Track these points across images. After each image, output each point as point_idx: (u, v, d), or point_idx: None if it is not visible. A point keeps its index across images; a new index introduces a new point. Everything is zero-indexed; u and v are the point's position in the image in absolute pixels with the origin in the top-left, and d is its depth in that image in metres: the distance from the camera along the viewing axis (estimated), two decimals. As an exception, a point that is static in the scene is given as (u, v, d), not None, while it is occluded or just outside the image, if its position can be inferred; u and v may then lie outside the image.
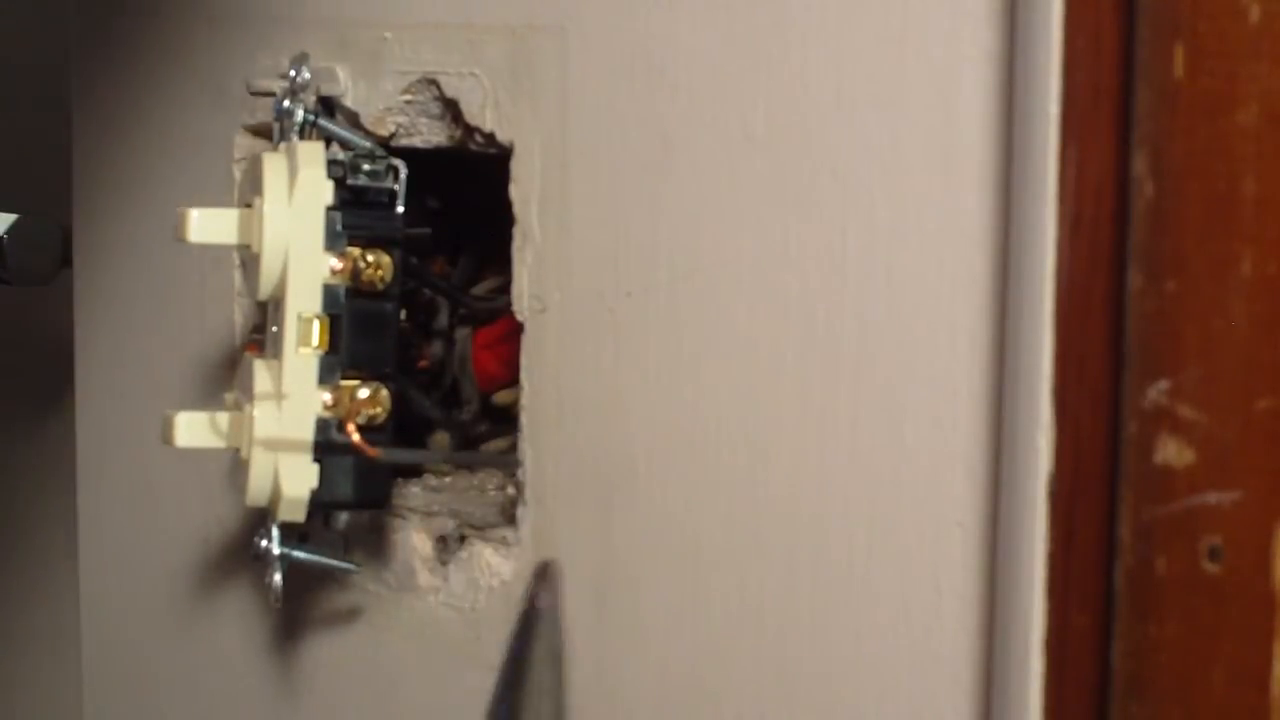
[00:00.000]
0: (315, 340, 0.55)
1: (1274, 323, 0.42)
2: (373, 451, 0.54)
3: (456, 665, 0.62)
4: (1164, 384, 0.43)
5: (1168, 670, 0.44)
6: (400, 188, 0.56)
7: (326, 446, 0.55)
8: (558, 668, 0.43)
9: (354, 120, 0.62)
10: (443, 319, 0.68)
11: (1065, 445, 0.45)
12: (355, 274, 0.55)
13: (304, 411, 0.55)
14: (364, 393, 0.55)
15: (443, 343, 0.68)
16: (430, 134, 0.62)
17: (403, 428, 0.55)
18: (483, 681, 0.61)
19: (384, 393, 0.55)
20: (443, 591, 0.62)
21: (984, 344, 0.48)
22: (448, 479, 0.66)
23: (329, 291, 0.55)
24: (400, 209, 0.56)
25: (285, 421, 0.54)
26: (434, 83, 0.60)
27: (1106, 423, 0.44)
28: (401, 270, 0.56)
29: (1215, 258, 0.42)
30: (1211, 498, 0.43)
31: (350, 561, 0.61)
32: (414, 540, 0.63)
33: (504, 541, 0.60)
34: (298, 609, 0.64)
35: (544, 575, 0.44)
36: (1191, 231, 0.43)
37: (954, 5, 0.48)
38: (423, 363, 0.68)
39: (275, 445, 0.54)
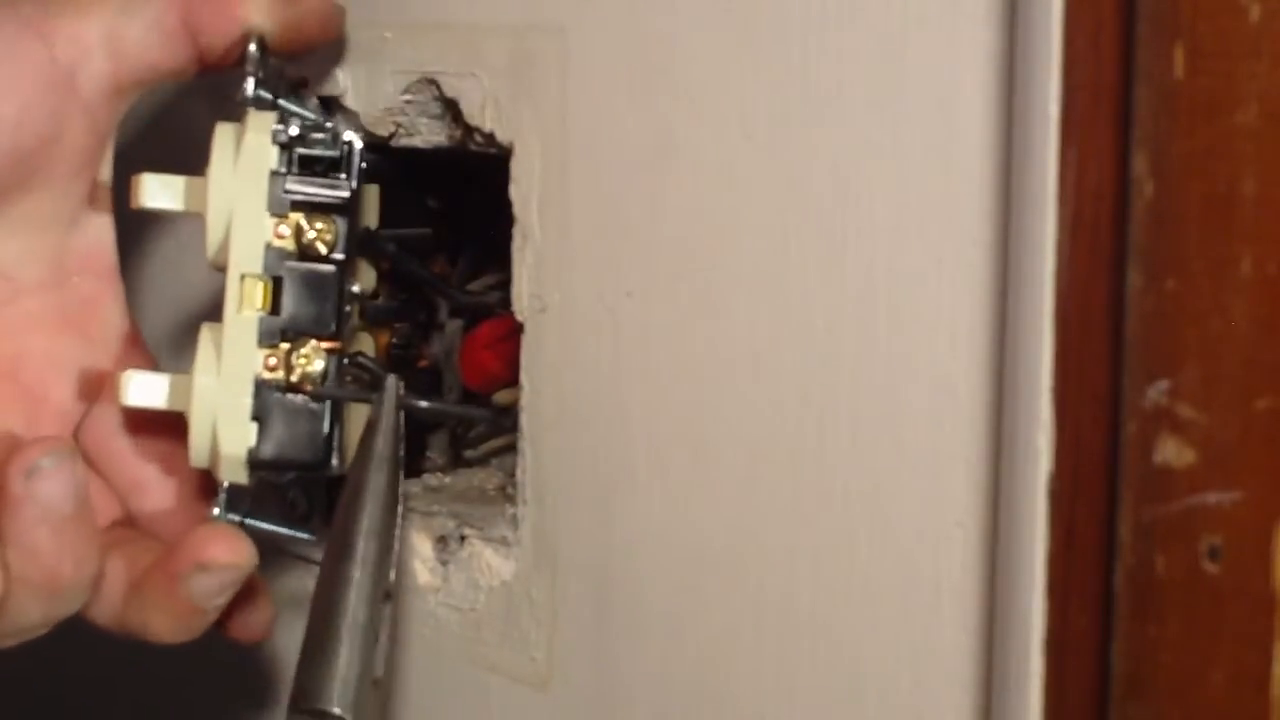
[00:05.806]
0: (258, 302, 0.55)
1: (1274, 323, 0.42)
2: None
3: (456, 665, 0.62)
4: (1164, 384, 0.43)
5: (1168, 670, 0.44)
6: (355, 157, 0.56)
7: (265, 406, 0.55)
8: (395, 469, 0.54)
9: (354, 121, 0.62)
10: (443, 318, 0.68)
11: (1065, 445, 0.45)
12: (299, 237, 0.55)
13: (243, 371, 0.55)
14: (302, 352, 0.55)
15: (442, 342, 0.68)
16: (430, 134, 0.62)
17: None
18: (483, 682, 0.61)
19: (322, 352, 0.55)
20: (442, 591, 0.62)
21: (984, 344, 0.48)
22: (447, 479, 0.66)
23: (271, 253, 0.55)
24: (353, 180, 0.56)
25: (224, 380, 0.55)
26: (434, 83, 0.60)
27: (1106, 423, 0.44)
28: (348, 237, 0.56)
29: (1215, 258, 0.42)
30: (1211, 498, 0.43)
31: (306, 531, 0.60)
32: (413, 540, 0.63)
33: (504, 541, 0.60)
34: (297, 607, 0.64)
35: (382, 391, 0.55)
36: (1191, 231, 0.42)
37: (954, 5, 0.48)
38: (423, 362, 0.68)
39: (214, 404, 0.55)
